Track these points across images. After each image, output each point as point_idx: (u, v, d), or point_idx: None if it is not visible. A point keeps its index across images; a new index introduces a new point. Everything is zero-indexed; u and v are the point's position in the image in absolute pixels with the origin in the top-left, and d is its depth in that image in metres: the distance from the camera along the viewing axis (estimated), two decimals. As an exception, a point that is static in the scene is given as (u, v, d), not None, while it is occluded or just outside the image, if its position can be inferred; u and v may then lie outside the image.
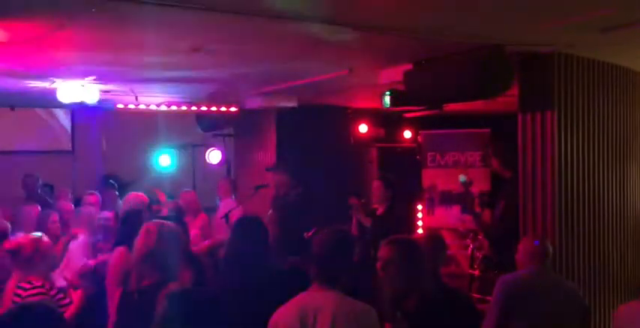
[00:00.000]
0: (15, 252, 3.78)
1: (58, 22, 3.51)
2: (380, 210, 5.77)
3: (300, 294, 2.92)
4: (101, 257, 5.11)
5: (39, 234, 3.95)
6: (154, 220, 3.77)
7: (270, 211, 6.53)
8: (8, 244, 4.08)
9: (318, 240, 3.03)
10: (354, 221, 5.82)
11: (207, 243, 6.40)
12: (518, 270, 3.92)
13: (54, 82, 5.91)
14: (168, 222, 3.71)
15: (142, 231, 3.54)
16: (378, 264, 3.30)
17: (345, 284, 2.95)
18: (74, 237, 5.37)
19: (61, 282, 4.69)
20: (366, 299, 2.96)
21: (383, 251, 3.31)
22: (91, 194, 6.74)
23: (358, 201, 5.83)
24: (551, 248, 3.94)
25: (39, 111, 9.10)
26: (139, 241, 3.49)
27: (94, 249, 5.34)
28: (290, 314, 2.83)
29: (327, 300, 2.83)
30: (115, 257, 4.39)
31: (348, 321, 2.78)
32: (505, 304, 3.73)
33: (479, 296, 5.08)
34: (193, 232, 6.01)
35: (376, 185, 5.80)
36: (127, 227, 4.45)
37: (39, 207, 5.94)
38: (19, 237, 4.30)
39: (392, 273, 3.26)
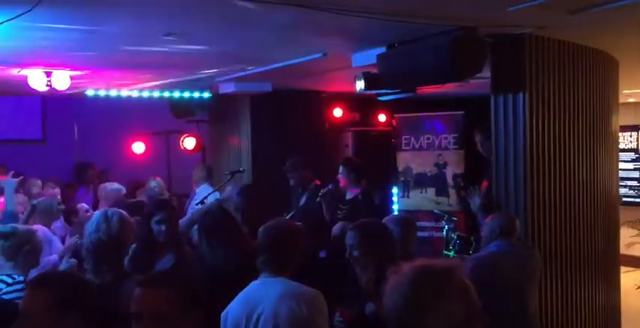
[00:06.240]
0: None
1: (27, 4, 3.44)
2: (350, 195, 5.75)
3: (250, 285, 3.00)
4: None
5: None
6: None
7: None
8: None
9: (264, 232, 3.08)
10: (324, 207, 5.77)
11: None
12: (485, 248, 3.99)
13: (22, 69, 5.80)
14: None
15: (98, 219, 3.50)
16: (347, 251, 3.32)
17: (294, 272, 3.02)
18: None
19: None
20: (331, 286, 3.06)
21: (348, 237, 3.34)
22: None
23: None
24: (518, 225, 4.01)
25: (8, 98, 8.91)
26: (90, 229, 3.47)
27: None
28: (237, 306, 2.94)
29: (272, 288, 2.90)
30: None
31: (292, 305, 2.82)
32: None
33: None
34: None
35: (340, 169, 5.81)
36: None
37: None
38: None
39: (360, 260, 3.29)
